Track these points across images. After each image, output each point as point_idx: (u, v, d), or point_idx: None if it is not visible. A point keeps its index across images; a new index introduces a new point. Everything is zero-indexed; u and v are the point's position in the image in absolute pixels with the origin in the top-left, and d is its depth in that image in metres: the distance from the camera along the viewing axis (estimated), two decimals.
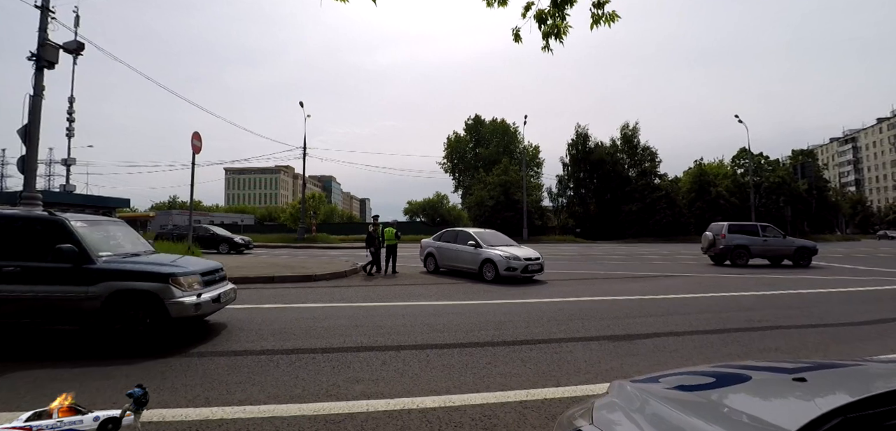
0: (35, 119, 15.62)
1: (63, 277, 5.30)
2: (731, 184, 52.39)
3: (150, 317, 5.41)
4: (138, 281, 5.46)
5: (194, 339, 5.68)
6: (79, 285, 5.28)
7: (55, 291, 5.26)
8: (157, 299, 5.43)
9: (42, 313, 5.26)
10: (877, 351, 5.59)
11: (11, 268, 5.24)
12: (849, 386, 1.39)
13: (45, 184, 53.64)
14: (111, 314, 5.33)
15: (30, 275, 5.27)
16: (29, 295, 5.22)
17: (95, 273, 5.37)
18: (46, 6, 14.83)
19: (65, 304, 5.28)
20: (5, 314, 5.23)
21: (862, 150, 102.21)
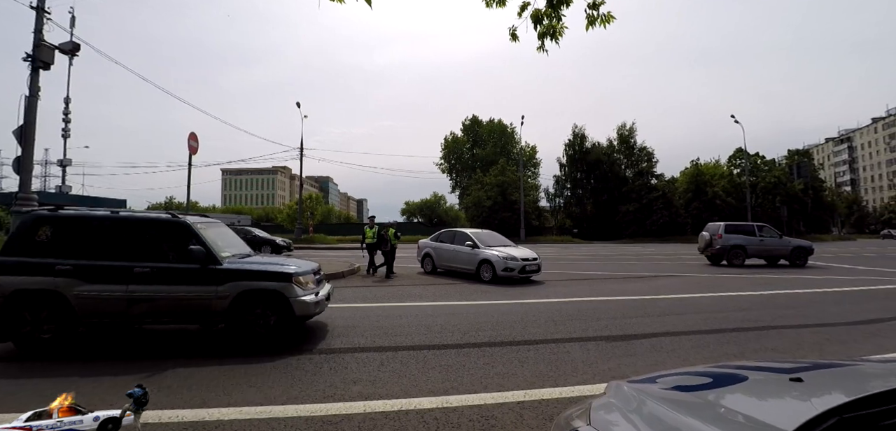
0: (31, 120, 15.55)
1: (193, 278, 5.45)
2: (727, 184, 52.58)
3: (276, 316, 5.52)
4: (265, 281, 5.58)
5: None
6: (209, 285, 5.42)
7: (190, 291, 5.40)
8: (283, 298, 5.54)
9: (177, 313, 5.43)
10: (873, 351, 5.62)
11: (145, 269, 5.37)
12: (845, 386, 1.39)
13: (40, 185, 53.38)
14: (238, 313, 5.44)
15: (163, 276, 5.40)
16: (164, 295, 5.36)
17: (223, 273, 5.51)
18: (42, 7, 14.78)
19: (197, 304, 5.42)
20: (143, 313, 5.35)
21: (857, 150, 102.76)
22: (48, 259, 5.26)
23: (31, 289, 5.16)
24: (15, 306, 5.11)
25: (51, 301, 5.17)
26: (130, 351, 5.35)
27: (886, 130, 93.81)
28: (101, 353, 5.25)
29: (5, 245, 5.33)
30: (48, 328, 5.16)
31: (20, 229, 5.41)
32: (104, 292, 5.25)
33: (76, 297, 5.18)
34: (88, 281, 5.23)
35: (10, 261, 5.22)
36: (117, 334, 6.02)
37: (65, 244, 5.40)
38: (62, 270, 5.21)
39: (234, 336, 5.44)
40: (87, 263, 5.29)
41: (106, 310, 5.28)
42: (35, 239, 5.39)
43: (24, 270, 5.20)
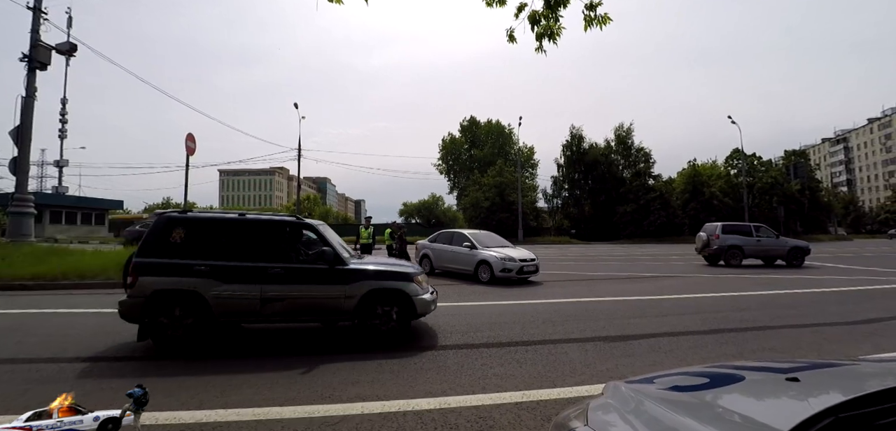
0: (27, 120, 15.47)
1: (323, 278, 5.68)
2: (724, 184, 52.74)
3: (399, 314, 5.77)
4: (390, 281, 5.84)
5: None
6: (338, 285, 5.65)
7: (321, 291, 5.63)
8: (406, 297, 5.80)
9: (308, 311, 5.66)
10: (870, 351, 5.64)
11: (278, 270, 5.57)
12: (841, 386, 1.40)
13: (37, 185, 53.17)
14: (365, 311, 5.68)
15: (295, 276, 5.62)
16: (296, 294, 5.58)
17: (350, 273, 5.74)
18: (38, 7, 14.69)
19: (328, 303, 5.66)
20: (275, 312, 5.52)
21: (853, 151, 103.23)
22: (184, 260, 5.40)
23: (170, 289, 5.30)
24: (155, 306, 5.25)
25: (189, 300, 5.31)
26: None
27: (882, 131, 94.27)
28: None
29: (141, 246, 5.45)
30: (186, 327, 5.30)
31: (155, 231, 5.51)
32: (239, 292, 5.43)
33: (214, 297, 5.34)
34: (225, 281, 5.41)
35: (149, 262, 5.34)
36: (229, 332, 6.11)
37: (196, 245, 5.53)
38: (199, 271, 5.37)
39: (358, 333, 5.74)
40: (224, 264, 5.47)
41: (241, 309, 5.47)
42: (169, 241, 5.50)
43: (162, 271, 5.34)
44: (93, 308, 8.14)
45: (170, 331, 5.25)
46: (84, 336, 6.00)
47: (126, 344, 5.58)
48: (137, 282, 5.26)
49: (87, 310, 7.90)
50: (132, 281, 5.29)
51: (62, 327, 6.59)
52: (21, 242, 15.42)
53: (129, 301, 5.28)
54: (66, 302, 8.63)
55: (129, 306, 5.26)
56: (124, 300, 5.31)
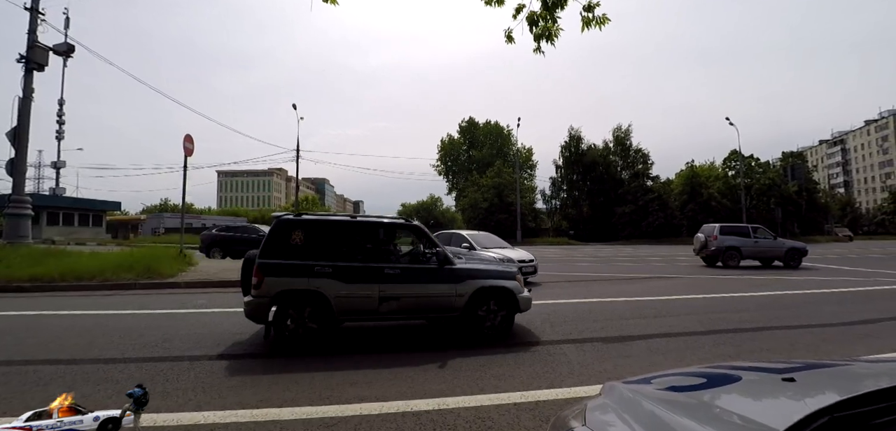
0: (24, 121, 15.45)
1: (436, 277, 5.92)
2: (722, 185, 52.90)
3: (504, 311, 6.02)
4: (496, 280, 6.09)
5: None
6: (449, 283, 5.89)
7: (434, 289, 5.88)
8: (511, 294, 6.07)
9: (422, 310, 5.97)
10: (866, 351, 5.67)
11: (395, 270, 5.83)
12: (836, 386, 1.41)
13: (34, 186, 52.99)
14: (473, 309, 5.91)
15: (410, 276, 5.87)
16: (411, 293, 5.82)
17: (460, 273, 5.98)
18: (36, 8, 14.68)
19: (440, 302, 5.91)
20: (392, 310, 5.76)
21: (850, 152, 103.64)
22: (306, 261, 5.55)
23: (294, 290, 5.46)
24: (280, 305, 5.42)
25: (312, 300, 5.47)
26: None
27: (879, 133, 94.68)
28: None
29: (263, 248, 5.57)
30: (309, 325, 5.47)
31: (275, 233, 5.65)
32: (359, 292, 5.62)
33: (335, 297, 5.51)
34: (346, 281, 5.58)
35: (274, 264, 5.47)
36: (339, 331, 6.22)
37: (315, 246, 5.68)
38: (322, 271, 5.53)
39: (467, 330, 5.96)
40: (345, 265, 5.65)
41: (360, 308, 5.70)
42: (289, 243, 5.63)
43: (286, 272, 5.49)
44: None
45: (294, 330, 5.42)
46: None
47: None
48: (263, 283, 5.39)
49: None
50: (258, 282, 5.40)
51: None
52: (18, 244, 15.36)
53: (255, 301, 5.41)
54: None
55: (256, 306, 5.41)
56: (250, 300, 5.46)
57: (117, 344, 5.61)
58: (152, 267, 12.02)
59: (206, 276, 12.15)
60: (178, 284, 11.19)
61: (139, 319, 7.15)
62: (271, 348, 5.45)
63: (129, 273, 11.51)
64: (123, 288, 10.68)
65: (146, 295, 9.74)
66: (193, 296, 9.57)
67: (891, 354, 5.47)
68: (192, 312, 7.87)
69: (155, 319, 7.16)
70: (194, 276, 12.09)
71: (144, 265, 12.10)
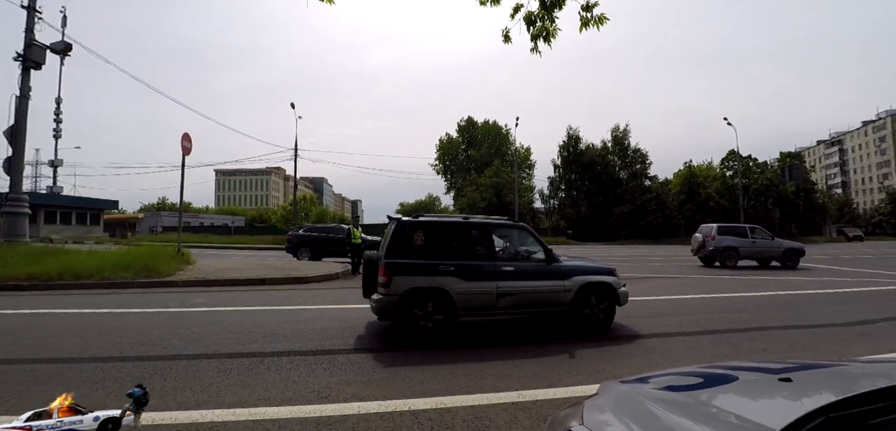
0: (21, 120, 15.41)
1: (546, 274, 6.30)
2: (720, 186, 53.01)
3: (606, 304, 6.40)
4: (599, 276, 6.48)
5: None
6: (559, 280, 6.26)
7: (546, 285, 6.23)
8: (612, 289, 6.44)
9: (535, 304, 6.27)
10: (863, 352, 5.69)
11: (510, 268, 6.19)
12: (832, 386, 1.42)
13: (31, 185, 52.78)
14: (579, 303, 6.26)
15: (524, 273, 6.23)
16: (525, 289, 6.14)
17: (566, 269, 6.39)
18: (33, 6, 14.63)
19: (551, 297, 6.26)
20: (508, 306, 6.09)
21: (848, 153, 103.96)
22: (430, 260, 5.89)
23: (421, 287, 5.78)
24: (408, 302, 5.72)
25: (437, 296, 5.79)
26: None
27: (876, 133, 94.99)
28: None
29: (388, 249, 5.89)
30: (436, 321, 5.79)
31: (399, 235, 5.97)
32: (479, 288, 5.95)
33: (458, 293, 5.83)
34: (467, 279, 5.91)
35: (401, 263, 5.80)
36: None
37: (435, 246, 6.04)
38: (445, 270, 5.87)
39: (572, 323, 6.33)
40: (467, 263, 6.01)
41: (480, 304, 6.03)
42: (413, 243, 5.97)
43: (413, 271, 5.81)
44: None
45: (422, 325, 5.75)
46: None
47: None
48: (392, 282, 5.70)
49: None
50: (387, 281, 5.72)
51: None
52: (16, 242, 15.32)
53: (385, 298, 5.73)
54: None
55: (386, 303, 5.73)
56: (380, 298, 5.78)
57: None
58: (150, 266, 12.00)
59: (204, 275, 12.13)
60: (176, 283, 11.17)
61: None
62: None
63: (126, 271, 11.48)
64: (121, 286, 10.66)
65: (152, 294, 9.72)
66: (192, 295, 9.56)
67: (887, 354, 5.50)
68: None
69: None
70: (192, 275, 12.08)
71: (142, 264, 12.07)
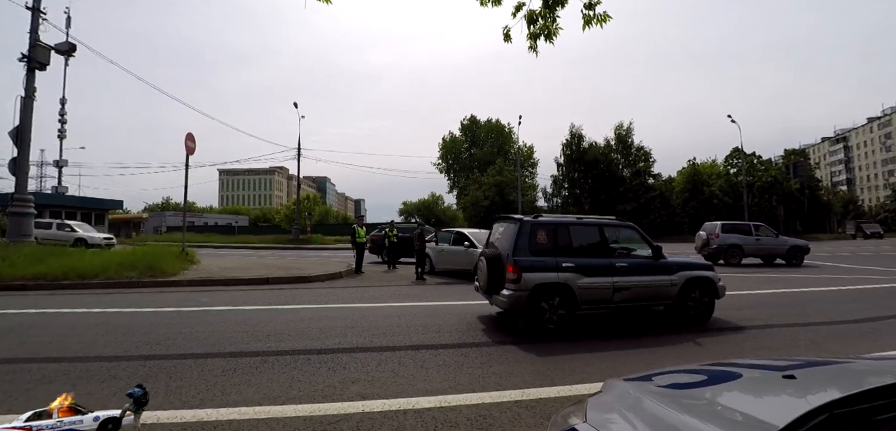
0: (26, 120, 15.50)
1: (654, 270, 6.74)
2: (724, 183, 52.71)
3: (707, 298, 6.86)
4: (701, 271, 6.94)
5: None
6: (666, 275, 6.71)
7: (655, 280, 6.66)
8: (712, 283, 6.91)
9: (645, 298, 6.72)
10: (869, 349, 5.66)
11: (624, 264, 6.57)
12: (836, 383, 1.41)
13: (36, 185, 53.07)
14: (684, 297, 6.73)
15: (635, 269, 6.63)
16: (636, 284, 6.55)
17: (672, 265, 6.82)
18: (37, 7, 14.70)
19: (660, 291, 6.69)
20: (622, 299, 6.50)
21: (853, 150, 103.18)
22: (553, 257, 6.29)
23: (548, 283, 6.15)
24: (536, 296, 6.09)
25: (561, 291, 6.19)
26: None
27: (882, 130, 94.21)
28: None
29: (515, 247, 6.26)
30: (558, 314, 6.19)
31: (524, 234, 6.35)
32: (598, 284, 6.36)
33: (579, 288, 6.24)
34: (587, 275, 6.32)
35: (530, 261, 6.18)
36: None
37: (555, 244, 6.43)
38: (567, 267, 6.26)
39: (676, 315, 6.79)
40: (587, 261, 6.41)
41: (598, 298, 6.42)
42: (536, 242, 6.34)
43: (540, 268, 6.19)
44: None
45: (547, 318, 6.14)
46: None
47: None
48: (521, 278, 6.07)
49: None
50: (516, 277, 6.08)
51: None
52: (21, 243, 15.41)
53: (515, 294, 6.07)
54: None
55: (516, 298, 6.07)
56: (510, 294, 6.10)
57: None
58: (155, 266, 12.07)
59: (208, 275, 12.18)
60: (180, 282, 11.22)
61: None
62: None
63: (131, 271, 11.54)
64: (126, 286, 10.72)
65: (157, 294, 9.77)
66: (196, 294, 9.60)
67: (892, 352, 5.47)
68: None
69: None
70: (196, 275, 12.13)
71: (147, 263, 12.14)
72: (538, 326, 6.10)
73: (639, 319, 7.13)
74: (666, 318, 6.96)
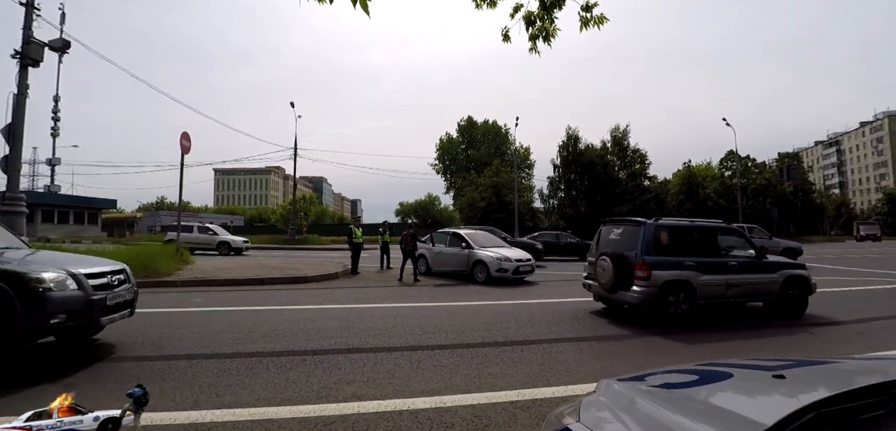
0: (19, 118, 15.38)
1: (759, 268, 7.50)
2: (718, 185, 53.08)
3: (802, 294, 7.54)
4: (797, 270, 7.69)
5: None
6: (770, 273, 7.51)
7: (761, 278, 7.46)
8: (807, 281, 7.61)
9: (752, 294, 7.55)
10: (858, 350, 5.72)
11: (734, 263, 7.32)
12: (824, 382, 1.44)
13: (29, 184, 52.63)
14: (783, 293, 7.41)
15: (744, 268, 7.36)
16: (746, 281, 7.33)
17: (774, 264, 7.66)
18: (31, 3, 14.60)
19: (764, 287, 7.49)
20: (734, 295, 7.30)
21: (845, 153, 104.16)
22: (676, 257, 6.97)
23: (673, 280, 6.84)
24: (664, 292, 6.78)
25: (684, 287, 6.90)
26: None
27: (873, 134, 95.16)
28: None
29: (643, 248, 6.89)
30: (683, 309, 6.90)
31: (649, 236, 7.02)
32: (714, 281, 7.10)
33: (699, 284, 6.95)
34: (705, 273, 7.05)
35: (658, 260, 6.85)
36: None
37: (676, 245, 7.10)
38: (688, 265, 6.96)
39: (777, 310, 7.51)
40: (703, 260, 7.13)
41: (714, 294, 7.15)
42: (660, 243, 6.99)
43: (667, 266, 6.87)
44: None
45: (673, 311, 6.83)
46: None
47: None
48: (651, 276, 6.71)
49: None
50: (647, 276, 6.72)
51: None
52: None
53: (646, 290, 6.72)
54: None
55: (647, 294, 6.73)
56: (642, 290, 6.73)
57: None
58: (149, 266, 11.98)
59: (203, 275, 12.14)
60: (175, 282, 11.17)
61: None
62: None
63: None
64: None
65: (151, 294, 9.70)
66: (191, 294, 9.55)
67: (879, 352, 5.53)
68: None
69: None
70: (191, 275, 12.08)
71: (141, 263, 12.04)
72: (665, 319, 6.78)
73: (739, 313, 7.91)
74: (759, 314, 7.77)
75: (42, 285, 4.36)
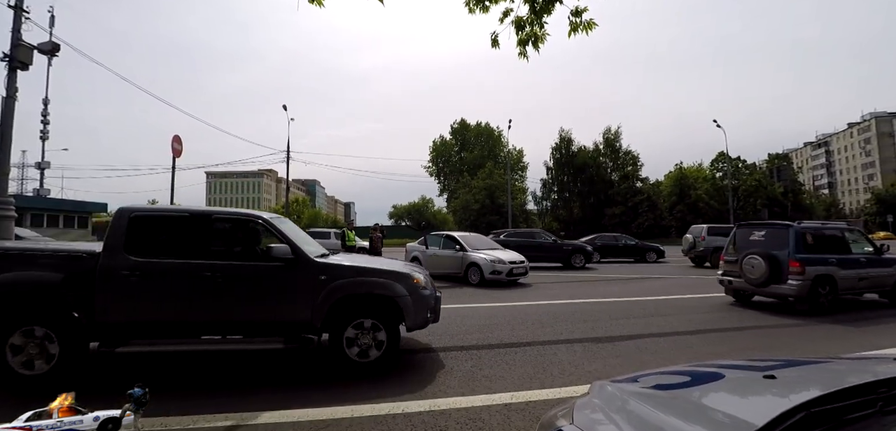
0: (7, 121, 15.20)
1: (880, 264, 8.62)
2: (710, 187, 53.63)
3: (832, 294, 8.06)
4: (831, 267, 8.17)
5: None
6: (888, 268, 8.68)
7: (884, 273, 8.62)
8: (833, 279, 8.07)
9: (875, 287, 8.71)
10: (847, 350, 5.79)
11: (862, 260, 8.51)
12: (814, 382, 1.45)
13: (17, 188, 51.90)
14: (812, 292, 7.87)
15: (869, 264, 8.52)
16: (872, 276, 8.49)
17: (890, 260, 8.73)
18: (20, 6, 14.45)
19: (884, 281, 8.60)
20: (865, 288, 8.56)
21: (834, 154, 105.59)
22: (821, 254, 8.02)
23: (821, 274, 7.85)
24: (815, 285, 7.80)
25: (828, 281, 7.93)
26: None
27: (861, 135, 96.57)
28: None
29: (794, 248, 7.90)
30: (828, 299, 7.91)
31: (798, 237, 8.03)
32: (850, 274, 8.24)
33: (839, 278, 8.04)
34: (843, 268, 8.12)
35: (809, 257, 7.86)
36: None
37: (818, 244, 8.15)
38: (831, 262, 8.04)
39: (804, 305, 7.92)
40: (841, 256, 8.19)
41: (849, 286, 8.28)
42: (806, 242, 8.06)
43: (816, 263, 7.88)
44: None
45: (822, 301, 7.83)
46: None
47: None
48: (805, 272, 7.70)
49: None
50: (801, 271, 7.70)
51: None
52: None
53: (801, 284, 7.71)
54: None
55: (802, 287, 7.72)
56: (797, 283, 7.72)
57: None
58: None
59: None
60: None
61: None
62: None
63: None
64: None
65: None
66: None
67: (868, 352, 5.60)
68: None
69: None
70: None
71: None
72: (816, 308, 7.73)
73: (858, 303, 8.83)
74: (873, 304, 8.74)
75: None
